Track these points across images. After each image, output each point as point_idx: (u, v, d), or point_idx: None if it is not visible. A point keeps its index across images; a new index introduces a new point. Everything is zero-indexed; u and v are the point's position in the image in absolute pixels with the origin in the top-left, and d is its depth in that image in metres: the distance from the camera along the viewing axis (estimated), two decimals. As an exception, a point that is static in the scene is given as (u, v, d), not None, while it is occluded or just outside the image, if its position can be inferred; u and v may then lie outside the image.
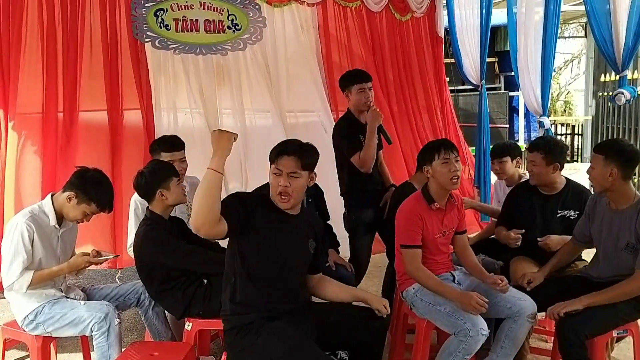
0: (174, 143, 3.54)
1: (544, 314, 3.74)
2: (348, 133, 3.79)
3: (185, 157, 3.56)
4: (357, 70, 4.03)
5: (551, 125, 5.28)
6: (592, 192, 3.32)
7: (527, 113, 9.06)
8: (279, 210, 2.48)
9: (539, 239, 3.25)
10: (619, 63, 4.34)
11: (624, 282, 2.78)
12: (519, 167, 4.04)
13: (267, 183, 3.24)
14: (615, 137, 9.03)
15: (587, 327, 2.70)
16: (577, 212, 3.28)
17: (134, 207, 3.49)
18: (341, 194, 3.96)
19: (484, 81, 5.69)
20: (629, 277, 2.78)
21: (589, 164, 2.95)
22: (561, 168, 3.35)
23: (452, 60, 6.41)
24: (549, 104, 5.00)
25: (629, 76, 4.57)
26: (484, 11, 5.41)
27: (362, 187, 3.82)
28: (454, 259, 3.24)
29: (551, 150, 3.27)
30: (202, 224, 2.20)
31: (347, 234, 4.02)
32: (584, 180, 3.20)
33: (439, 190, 3.01)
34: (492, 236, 3.79)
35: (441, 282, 2.94)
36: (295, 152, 2.45)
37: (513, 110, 9.22)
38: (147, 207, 3.10)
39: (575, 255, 3.24)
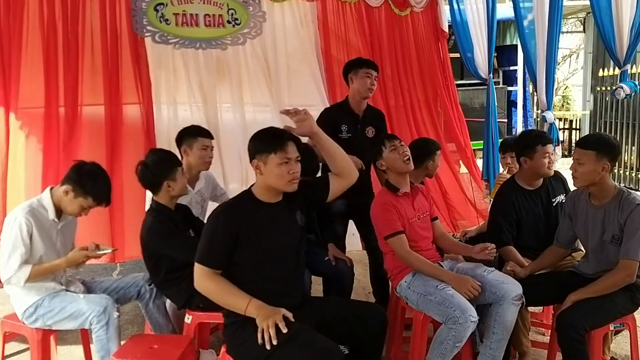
0: (208, 131, 3.69)
1: (541, 307, 3.80)
2: (327, 120, 3.74)
3: (213, 147, 3.70)
4: (366, 58, 4.04)
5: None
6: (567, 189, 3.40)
7: (524, 108, 9.07)
8: (263, 205, 2.49)
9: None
10: (621, 57, 4.35)
11: (609, 274, 2.82)
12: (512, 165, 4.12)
13: None
14: (613, 131, 9.06)
15: (586, 321, 2.73)
16: (565, 195, 3.37)
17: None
18: None
19: (491, 75, 5.69)
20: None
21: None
22: None
23: (452, 55, 6.40)
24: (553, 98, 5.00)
25: (630, 71, 4.57)
26: (490, 5, 5.41)
27: None
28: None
29: None
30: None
31: (357, 230, 4.03)
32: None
33: (397, 177, 3.16)
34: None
35: (435, 265, 3.04)
36: (292, 137, 2.48)
37: (511, 104, 9.23)
38: (152, 198, 3.12)
39: (559, 259, 3.25)
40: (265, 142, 2.45)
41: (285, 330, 2.25)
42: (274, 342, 2.23)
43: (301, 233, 2.61)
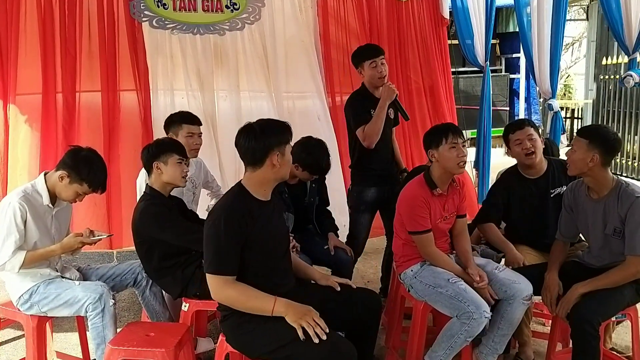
0: (195, 117, 3.63)
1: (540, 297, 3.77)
2: (358, 105, 3.77)
3: (201, 134, 3.63)
4: (368, 45, 4.01)
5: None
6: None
7: (527, 96, 9.01)
8: (261, 203, 2.44)
9: None
10: (630, 45, 4.31)
11: (618, 269, 2.79)
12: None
13: None
14: (616, 120, 9.01)
15: (600, 315, 2.70)
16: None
17: (142, 181, 3.46)
18: (349, 167, 3.98)
19: (488, 62, 5.65)
20: (622, 262, 2.79)
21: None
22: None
23: (454, 42, 6.33)
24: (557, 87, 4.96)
25: (639, 59, 4.51)
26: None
27: (368, 164, 3.80)
28: None
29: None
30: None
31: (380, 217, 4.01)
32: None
33: (442, 175, 3.01)
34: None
35: (459, 269, 2.98)
36: None
37: (513, 93, 9.18)
38: (147, 184, 3.09)
39: (566, 252, 3.19)
40: (283, 133, 2.42)
41: (324, 335, 2.20)
42: (323, 337, 2.18)
43: (288, 234, 2.66)
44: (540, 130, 3.54)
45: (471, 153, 6.28)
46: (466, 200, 3.25)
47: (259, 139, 2.37)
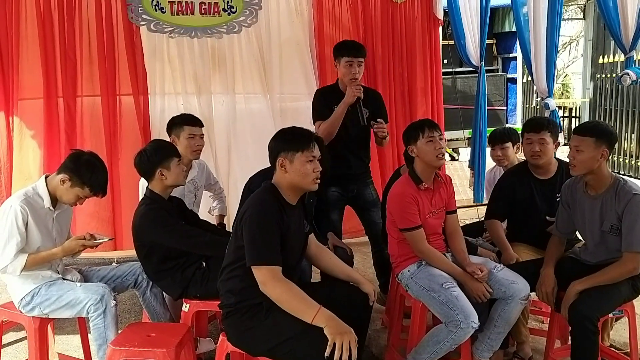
0: (197, 119, 3.67)
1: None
2: (321, 100, 3.75)
3: (203, 135, 3.66)
4: (352, 42, 3.89)
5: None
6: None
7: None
8: (288, 206, 2.49)
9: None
10: (627, 44, 4.32)
11: (615, 266, 2.80)
12: (517, 152, 3.99)
13: (261, 172, 3.21)
14: (613, 119, 9.03)
15: (599, 312, 2.71)
16: None
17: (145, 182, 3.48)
18: None
19: (482, 63, 5.66)
20: (618, 259, 2.81)
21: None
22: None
23: (451, 42, 6.35)
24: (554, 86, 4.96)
25: (636, 57, 4.52)
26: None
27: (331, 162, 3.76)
28: None
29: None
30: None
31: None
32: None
33: (425, 169, 3.05)
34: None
35: (452, 265, 2.99)
36: (316, 137, 2.58)
37: (509, 81, 9.17)
38: (147, 187, 3.11)
39: (562, 248, 3.20)
40: (292, 141, 2.49)
41: (355, 356, 2.18)
42: None
43: (306, 240, 2.68)
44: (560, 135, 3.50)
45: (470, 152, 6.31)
46: (454, 197, 3.25)
47: (271, 141, 2.52)
